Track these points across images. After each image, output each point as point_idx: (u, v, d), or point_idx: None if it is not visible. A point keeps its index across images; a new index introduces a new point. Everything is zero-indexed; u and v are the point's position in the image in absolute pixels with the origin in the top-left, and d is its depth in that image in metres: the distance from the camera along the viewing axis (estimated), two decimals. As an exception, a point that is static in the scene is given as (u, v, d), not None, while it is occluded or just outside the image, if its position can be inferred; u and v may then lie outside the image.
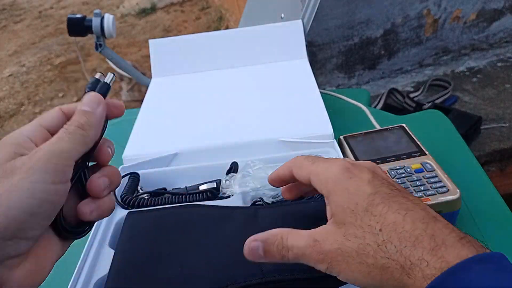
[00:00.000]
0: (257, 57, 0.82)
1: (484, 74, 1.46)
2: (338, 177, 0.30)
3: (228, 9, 3.07)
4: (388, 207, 0.28)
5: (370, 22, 1.35)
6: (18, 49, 3.52)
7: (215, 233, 0.39)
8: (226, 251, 0.37)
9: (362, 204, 0.28)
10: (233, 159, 0.55)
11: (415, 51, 1.50)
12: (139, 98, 2.42)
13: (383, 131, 0.60)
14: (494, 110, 1.29)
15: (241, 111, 0.69)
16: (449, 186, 0.49)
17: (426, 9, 1.41)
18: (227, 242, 0.38)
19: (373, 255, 0.27)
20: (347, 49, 1.39)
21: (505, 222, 0.51)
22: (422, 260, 0.25)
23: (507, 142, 1.18)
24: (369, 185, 0.29)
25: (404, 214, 0.27)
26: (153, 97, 0.76)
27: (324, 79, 1.42)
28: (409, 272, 0.25)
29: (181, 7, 3.75)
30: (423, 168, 0.52)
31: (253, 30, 0.84)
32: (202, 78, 0.80)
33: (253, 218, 0.40)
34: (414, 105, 1.33)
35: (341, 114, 0.74)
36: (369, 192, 0.29)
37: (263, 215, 0.40)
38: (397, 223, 0.27)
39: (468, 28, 1.51)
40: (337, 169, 0.31)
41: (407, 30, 1.43)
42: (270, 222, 0.39)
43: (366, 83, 1.50)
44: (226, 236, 0.39)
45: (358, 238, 0.28)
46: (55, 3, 4.40)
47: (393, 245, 0.26)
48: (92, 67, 2.92)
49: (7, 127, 2.53)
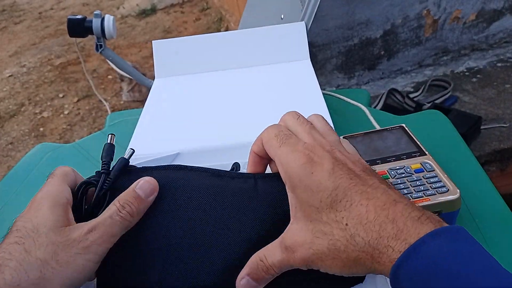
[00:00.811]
0: (260, 58, 0.82)
1: (484, 74, 1.46)
2: (300, 172, 0.31)
3: (228, 10, 3.07)
4: (351, 201, 0.29)
5: (370, 23, 1.35)
6: (19, 50, 3.52)
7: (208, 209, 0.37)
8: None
9: (326, 201, 0.29)
10: (235, 159, 0.55)
11: (415, 51, 1.50)
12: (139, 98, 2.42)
13: (383, 131, 0.60)
14: (494, 110, 1.29)
15: (243, 111, 0.69)
16: (449, 186, 0.49)
17: (426, 10, 1.41)
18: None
19: (344, 249, 0.28)
20: (347, 50, 1.39)
21: (505, 222, 0.51)
22: (388, 247, 0.26)
23: (507, 142, 1.19)
24: (330, 179, 0.30)
25: (366, 204, 0.28)
26: (156, 97, 0.76)
27: (324, 80, 1.42)
28: (378, 260, 0.27)
29: (181, 8, 3.75)
30: (423, 168, 0.52)
31: (256, 32, 0.85)
32: (205, 79, 0.80)
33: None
34: (414, 105, 1.33)
35: (341, 115, 0.74)
36: (331, 187, 0.29)
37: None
38: (361, 215, 0.28)
39: (468, 29, 1.51)
40: (299, 163, 0.31)
41: (407, 31, 1.43)
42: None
43: (366, 83, 1.51)
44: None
45: (327, 235, 0.29)
46: (55, 4, 4.40)
47: (360, 237, 0.27)
48: (92, 67, 2.92)
49: (7, 128, 2.53)
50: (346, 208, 0.29)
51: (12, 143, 2.39)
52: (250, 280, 0.32)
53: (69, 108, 2.57)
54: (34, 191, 0.36)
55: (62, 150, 0.76)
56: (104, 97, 2.53)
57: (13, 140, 2.41)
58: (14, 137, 2.44)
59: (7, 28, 4.05)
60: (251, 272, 0.32)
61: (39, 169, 0.68)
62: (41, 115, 2.57)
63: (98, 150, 0.40)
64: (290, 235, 0.31)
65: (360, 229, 0.27)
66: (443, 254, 0.25)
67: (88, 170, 0.70)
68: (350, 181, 0.30)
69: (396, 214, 0.27)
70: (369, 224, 0.27)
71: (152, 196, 0.35)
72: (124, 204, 0.34)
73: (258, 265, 0.32)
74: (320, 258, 0.29)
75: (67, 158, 0.71)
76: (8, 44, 3.68)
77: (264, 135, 0.36)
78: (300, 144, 0.33)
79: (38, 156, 0.72)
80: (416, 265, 0.25)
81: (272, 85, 0.76)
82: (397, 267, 0.26)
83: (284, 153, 0.33)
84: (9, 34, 3.90)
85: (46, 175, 0.37)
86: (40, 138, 2.36)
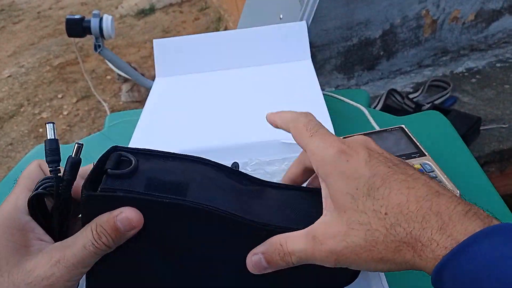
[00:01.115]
0: (261, 58, 0.82)
1: (483, 75, 1.46)
2: (335, 159, 0.29)
3: (227, 9, 3.07)
4: (389, 189, 0.27)
5: (369, 23, 1.35)
6: (17, 50, 3.52)
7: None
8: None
9: (362, 189, 0.27)
10: (235, 160, 0.55)
11: (414, 51, 1.50)
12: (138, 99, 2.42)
13: (383, 132, 0.60)
14: (494, 110, 1.29)
15: (243, 112, 0.69)
16: (449, 187, 0.49)
17: (425, 10, 1.41)
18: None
19: (383, 240, 0.26)
20: (346, 50, 1.39)
21: (505, 223, 0.51)
22: (432, 241, 0.24)
23: (507, 142, 1.19)
24: (367, 166, 0.28)
25: (407, 193, 0.26)
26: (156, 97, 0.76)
27: (323, 80, 1.42)
28: (420, 253, 0.25)
29: (180, 8, 3.75)
30: (422, 169, 0.52)
31: (257, 31, 0.84)
32: (205, 79, 0.80)
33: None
34: (414, 106, 1.33)
35: (340, 115, 0.74)
36: (368, 175, 0.28)
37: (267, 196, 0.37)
38: (402, 205, 0.26)
39: (467, 29, 1.51)
40: (333, 151, 0.30)
41: (406, 31, 1.43)
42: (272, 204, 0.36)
43: (365, 84, 1.51)
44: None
45: (363, 225, 0.27)
46: (54, 4, 4.40)
47: (402, 227, 0.25)
48: (91, 68, 2.92)
49: (6, 129, 2.53)
50: (385, 197, 0.27)
51: (11, 144, 2.39)
52: (262, 259, 0.30)
53: (68, 109, 2.56)
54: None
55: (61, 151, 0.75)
56: (103, 97, 2.53)
57: (12, 141, 2.41)
58: (13, 138, 2.43)
59: (5, 28, 4.04)
60: (266, 252, 0.30)
61: (38, 170, 0.68)
62: (40, 115, 2.57)
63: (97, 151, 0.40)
64: (320, 226, 0.29)
65: (401, 219, 0.25)
66: (496, 258, 0.22)
67: (87, 171, 0.70)
68: (388, 169, 0.28)
69: (440, 206, 0.25)
70: (410, 214, 0.25)
71: (132, 231, 0.30)
72: (100, 233, 0.30)
73: (275, 247, 0.30)
74: (354, 251, 0.27)
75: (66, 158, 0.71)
76: (6, 44, 3.67)
77: (293, 124, 0.34)
78: (332, 135, 0.32)
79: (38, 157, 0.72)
80: (464, 267, 0.23)
81: (272, 85, 0.76)
82: (441, 266, 0.24)
83: (317, 141, 0.31)
84: (7, 34, 3.89)
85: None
86: (39, 139, 2.36)
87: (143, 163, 0.33)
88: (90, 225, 0.30)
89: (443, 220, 0.24)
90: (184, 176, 0.32)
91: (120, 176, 0.31)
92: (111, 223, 0.29)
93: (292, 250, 0.29)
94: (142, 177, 0.31)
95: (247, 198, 0.34)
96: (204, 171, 0.34)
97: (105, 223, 0.29)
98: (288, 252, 0.29)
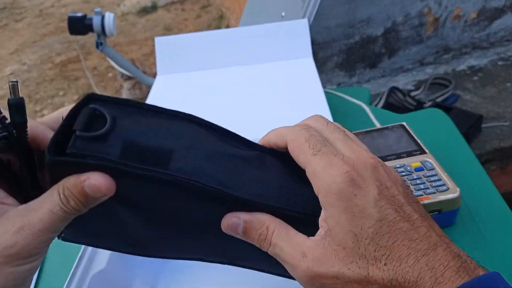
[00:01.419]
0: (262, 55, 0.82)
1: (485, 73, 1.46)
2: (341, 190, 0.27)
3: (229, 7, 3.07)
4: (394, 238, 0.26)
5: (371, 21, 1.35)
6: (19, 48, 3.52)
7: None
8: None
9: (367, 230, 0.26)
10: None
11: (416, 49, 1.50)
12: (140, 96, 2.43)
13: (384, 129, 0.60)
14: (495, 108, 1.29)
15: (245, 109, 0.69)
16: (449, 185, 0.49)
17: (427, 8, 1.41)
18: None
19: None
20: (348, 48, 1.39)
21: (505, 221, 0.51)
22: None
23: (508, 140, 1.19)
24: (376, 207, 0.27)
25: (408, 246, 0.26)
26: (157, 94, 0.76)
27: (325, 78, 1.42)
28: None
29: (182, 6, 3.74)
30: (423, 167, 0.52)
31: (259, 29, 0.84)
32: (207, 76, 0.80)
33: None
34: (415, 103, 1.33)
35: (342, 113, 0.74)
36: (376, 217, 0.26)
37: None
38: (402, 258, 0.26)
39: (469, 27, 1.51)
40: (340, 178, 0.27)
41: (408, 29, 1.43)
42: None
43: (367, 81, 1.50)
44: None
45: (361, 269, 0.26)
46: (56, 2, 4.40)
47: (398, 282, 0.26)
48: (93, 65, 2.92)
49: (8, 126, 2.53)
50: (388, 246, 0.26)
51: (13, 141, 2.39)
52: (241, 226, 0.29)
53: (70, 106, 2.57)
54: (34, 189, 0.36)
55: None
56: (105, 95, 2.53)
57: (14, 138, 2.42)
58: (15, 134, 2.44)
59: (8, 26, 4.05)
60: (249, 223, 0.29)
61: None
62: (41, 113, 2.57)
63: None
64: (312, 247, 0.28)
65: (399, 273, 0.26)
66: None
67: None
68: (396, 214, 0.27)
69: (435, 262, 0.25)
70: (407, 269, 0.25)
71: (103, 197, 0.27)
72: (68, 197, 0.27)
73: (261, 227, 0.29)
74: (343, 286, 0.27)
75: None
76: (9, 41, 3.68)
77: (291, 137, 0.30)
78: (339, 156, 0.28)
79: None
80: None
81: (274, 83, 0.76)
82: None
83: (321, 164, 0.28)
84: (10, 32, 3.90)
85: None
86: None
87: (122, 119, 0.28)
88: (57, 187, 0.27)
89: (436, 277, 0.25)
90: (168, 140, 0.29)
91: (92, 138, 0.27)
92: (78, 188, 0.27)
93: (275, 244, 0.28)
94: (118, 140, 0.27)
95: (241, 166, 0.30)
96: (194, 132, 0.31)
97: (73, 187, 0.27)
98: (269, 241, 0.28)
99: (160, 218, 0.31)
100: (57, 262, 0.55)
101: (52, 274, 0.54)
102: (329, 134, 0.31)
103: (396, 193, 0.28)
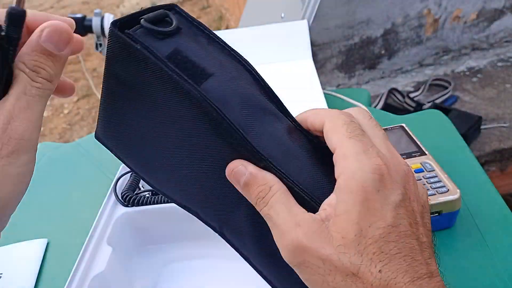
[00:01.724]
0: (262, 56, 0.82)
1: (485, 74, 1.46)
2: (366, 181, 0.26)
3: (229, 8, 3.07)
4: (399, 250, 0.25)
5: (371, 22, 1.35)
6: (19, 49, 3.52)
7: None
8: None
9: (375, 231, 0.25)
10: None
11: (416, 50, 1.50)
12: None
13: (383, 131, 0.60)
14: (494, 110, 1.29)
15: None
16: (449, 186, 0.49)
17: (427, 9, 1.41)
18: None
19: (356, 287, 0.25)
20: (347, 49, 1.39)
21: (505, 222, 0.51)
22: None
23: (507, 142, 1.19)
24: (393, 211, 0.26)
25: (408, 263, 0.25)
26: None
27: (324, 79, 1.42)
28: None
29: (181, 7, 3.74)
30: (423, 168, 0.52)
31: (259, 30, 0.85)
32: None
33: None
34: (414, 105, 1.33)
35: (341, 114, 0.74)
36: (389, 223, 0.25)
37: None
38: (399, 272, 0.25)
39: (469, 28, 1.51)
40: (369, 168, 0.26)
41: (408, 30, 1.43)
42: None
43: (366, 83, 1.50)
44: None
45: (352, 265, 0.25)
46: (55, 3, 4.40)
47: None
48: (92, 66, 2.92)
49: (7, 127, 2.53)
50: (390, 255, 0.25)
51: (12, 142, 2.39)
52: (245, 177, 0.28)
53: (69, 108, 2.57)
54: (34, 191, 0.36)
55: (62, 149, 0.75)
56: (104, 96, 2.53)
57: (13, 139, 2.41)
58: (14, 136, 2.44)
59: (7, 27, 4.05)
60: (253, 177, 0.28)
61: (39, 169, 0.68)
62: (41, 114, 2.57)
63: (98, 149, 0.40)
64: (309, 221, 0.26)
65: (391, 285, 0.25)
66: None
67: (88, 169, 0.70)
68: (409, 227, 0.26)
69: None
70: (401, 285, 0.25)
71: (68, 48, 0.26)
72: (35, 68, 0.25)
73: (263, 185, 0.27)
74: (324, 272, 0.25)
75: (67, 157, 0.71)
76: (8, 42, 3.68)
77: (330, 118, 0.29)
78: (374, 148, 0.27)
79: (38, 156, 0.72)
80: None
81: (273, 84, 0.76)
82: None
83: (354, 148, 0.26)
84: (9, 33, 3.90)
85: (46, 175, 0.37)
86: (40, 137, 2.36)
87: (185, 33, 0.30)
88: (16, 63, 0.26)
89: None
90: (214, 66, 0.29)
91: (151, 31, 0.28)
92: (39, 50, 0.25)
93: (271, 206, 0.27)
94: (171, 45, 0.28)
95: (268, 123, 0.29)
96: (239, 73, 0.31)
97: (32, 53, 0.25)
98: (267, 201, 0.27)
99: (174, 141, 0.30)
100: (57, 264, 0.55)
101: (52, 276, 0.54)
102: (369, 129, 0.29)
103: (415, 209, 0.27)
